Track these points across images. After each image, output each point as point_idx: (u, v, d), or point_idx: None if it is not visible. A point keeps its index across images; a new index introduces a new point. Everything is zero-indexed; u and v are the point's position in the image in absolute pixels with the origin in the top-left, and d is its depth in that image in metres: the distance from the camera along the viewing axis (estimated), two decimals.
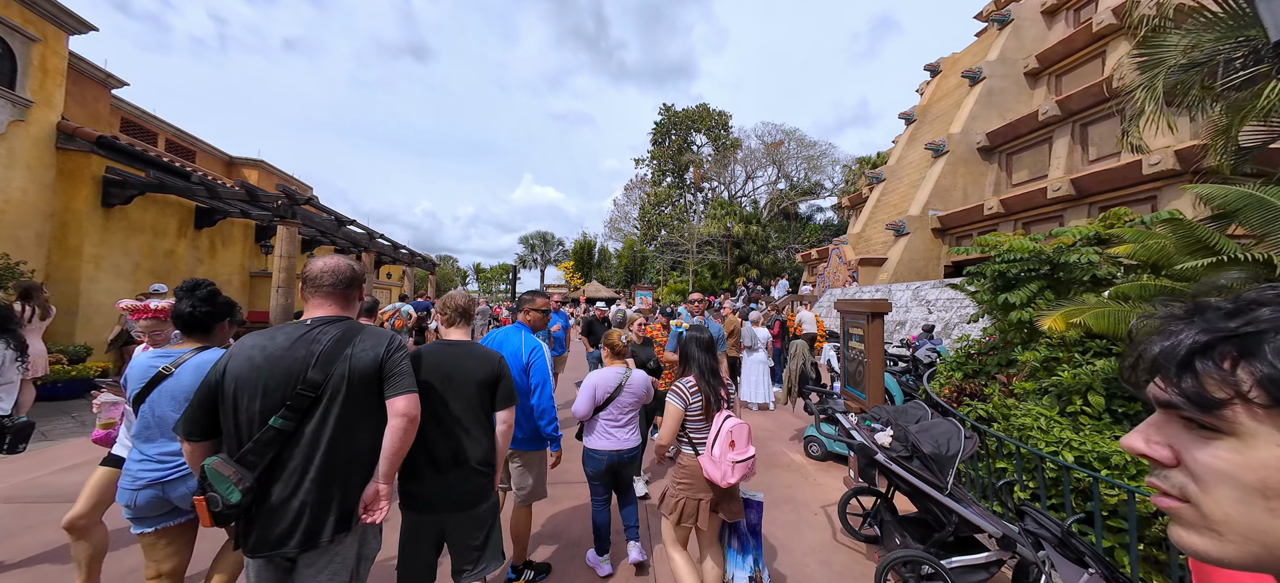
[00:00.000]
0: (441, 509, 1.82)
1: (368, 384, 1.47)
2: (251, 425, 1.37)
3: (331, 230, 12.10)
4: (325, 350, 1.44)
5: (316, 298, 1.56)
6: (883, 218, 19.12)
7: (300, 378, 1.39)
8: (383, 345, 1.53)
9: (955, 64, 20.57)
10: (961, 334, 8.50)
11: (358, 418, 1.46)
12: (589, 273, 42.17)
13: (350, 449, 1.45)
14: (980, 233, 14.82)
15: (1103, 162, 12.57)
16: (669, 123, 38.55)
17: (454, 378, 1.86)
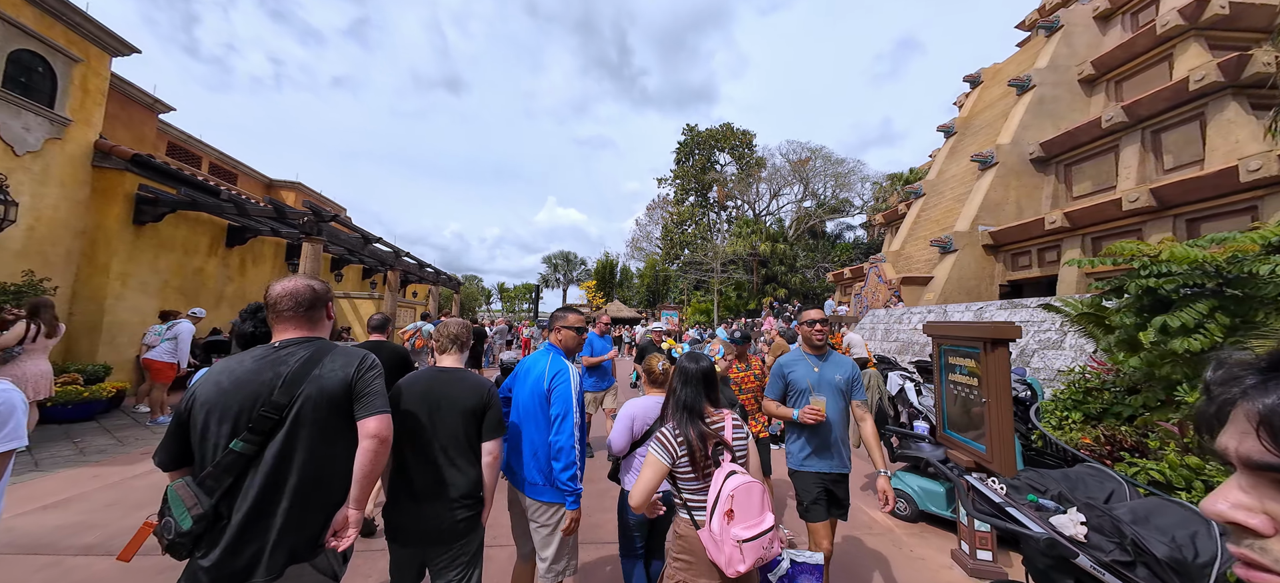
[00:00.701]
0: (423, 543, 1.77)
1: (337, 405, 1.43)
2: (216, 451, 1.33)
3: (357, 248, 12.00)
4: (292, 372, 1.39)
5: (279, 323, 1.50)
6: (924, 234, 18.00)
7: (264, 400, 1.35)
8: (353, 366, 1.47)
9: (997, 74, 19.57)
10: (1043, 363, 7.46)
11: (325, 441, 1.40)
12: (611, 292, 41.81)
13: (316, 473, 1.38)
14: (1040, 249, 13.60)
15: (1180, 169, 11.33)
16: (692, 142, 38.40)
17: (441, 405, 1.81)
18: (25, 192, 6.44)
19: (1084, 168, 14.13)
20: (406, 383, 1.87)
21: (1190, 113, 11.33)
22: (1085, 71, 15.43)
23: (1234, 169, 8.85)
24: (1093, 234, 12.04)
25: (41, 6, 6.56)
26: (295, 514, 1.34)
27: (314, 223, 8.61)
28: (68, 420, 5.78)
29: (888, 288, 15.78)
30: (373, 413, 1.45)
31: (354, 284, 17.12)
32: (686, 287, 33.38)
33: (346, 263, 15.70)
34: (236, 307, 10.89)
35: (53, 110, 6.78)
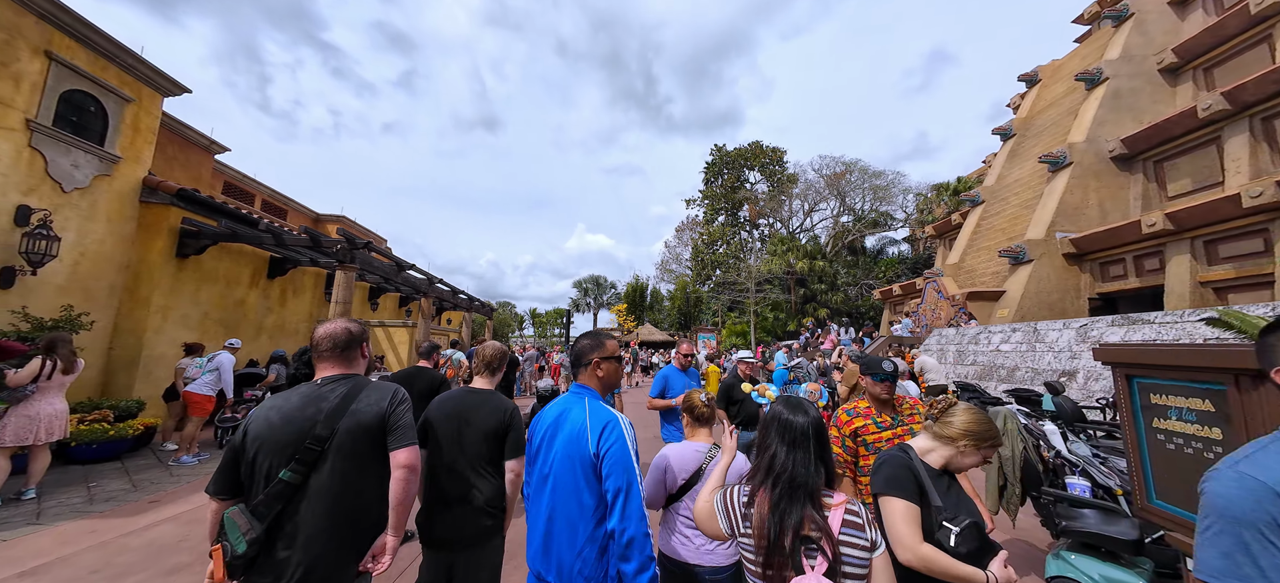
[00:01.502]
0: (453, 547, 1.91)
1: (372, 437, 1.55)
2: (264, 481, 1.45)
3: (392, 276, 11.88)
4: (332, 407, 1.53)
5: (320, 362, 1.65)
6: (987, 244, 16.42)
7: (309, 434, 1.48)
8: (386, 400, 1.60)
9: (1058, 71, 18.10)
10: None
11: (360, 470, 1.53)
12: (642, 315, 41.12)
13: (355, 500, 1.51)
14: (1137, 256, 11.93)
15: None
16: (721, 162, 37.90)
17: (471, 422, 1.99)
18: (71, 228, 6.49)
19: (1179, 164, 12.45)
20: (438, 402, 2.06)
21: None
22: (1166, 60, 13.88)
23: None
24: (1204, 237, 10.38)
25: (95, 49, 6.76)
26: (338, 538, 1.46)
27: (347, 250, 8.43)
28: (92, 460, 5.53)
29: (951, 305, 14.29)
30: (403, 445, 1.57)
31: (390, 312, 17.22)
32: (720, 308, 32.23)
33: (383, 292, 15.80)
34: (277, 338, 10.89)
35: (103, 148, 6.90)
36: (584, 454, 1.46)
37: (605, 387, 1.70)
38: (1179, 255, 10.78)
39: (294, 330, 11.57)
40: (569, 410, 1.59)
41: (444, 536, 1.91)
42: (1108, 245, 12.34)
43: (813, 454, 1.32)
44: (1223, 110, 10.99)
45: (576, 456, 1.47)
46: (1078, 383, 7.58)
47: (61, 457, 5.41)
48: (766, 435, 1.39)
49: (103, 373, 7.03)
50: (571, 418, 1.56)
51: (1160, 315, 6.70)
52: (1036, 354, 8.57)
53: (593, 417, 1.52)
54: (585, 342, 1.72)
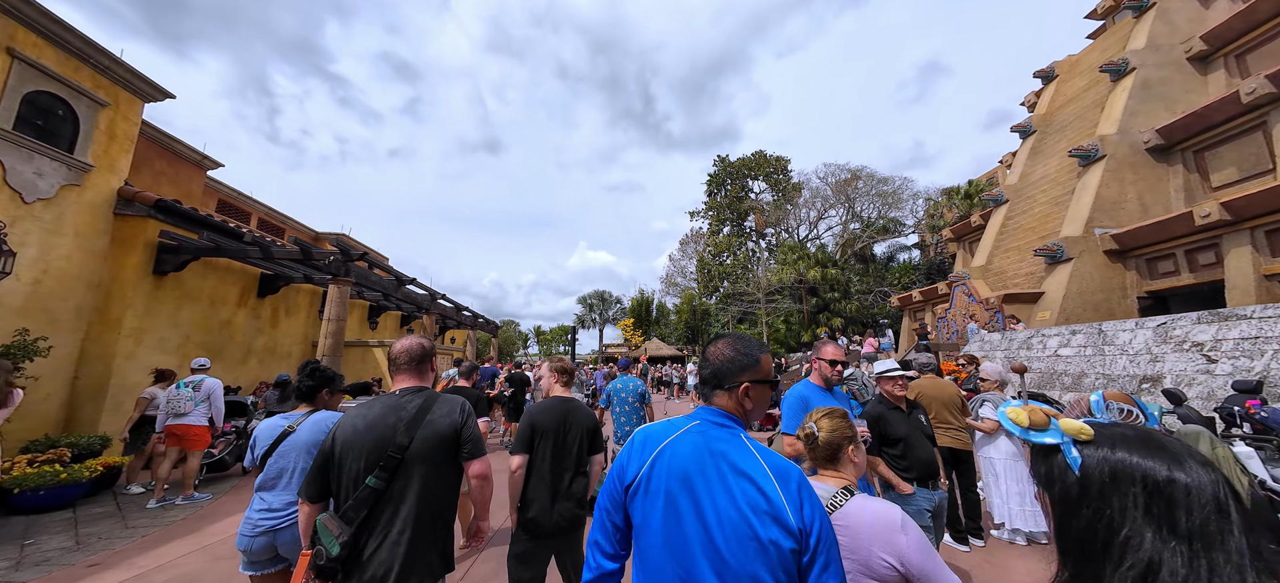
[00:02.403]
0: (555, 536, 2.17)
1: (446, 447, 1.67)
2: (352, 485, 1.57)
3: (392, 291, 11.16)
4: (410, 418, 1.64)
5: (398, 374, 1.81)
6: (1015, 244, 15.67)
7: (391, 442, 1.59)
8: (457, 413, 1.72)
9: (1075, 66, 17.61)
10: None
11: (438, 476, 1.65)
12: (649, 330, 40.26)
13: (432, 503, 1.61)
14: (1189, 251, 11.13)
15: None
16: (724, 173, 37.52)
17: (570, 426, 2.30)
18: (32, 242, 5.80)
19: (1222, 152, 11.76)
20: (541, 409, 2.35)
21: None
22: (1195, 48, 13.33)
23: None
24: (1266, 226, 9.60)
25: (66, 48, 6.17)
26: (417, 538, 1.56)
27: (341, 263, 7.72)
28: (39, 509, 4.70)
29: (986, 309, 13.46)
30: (477, 456, 1.73)
31: (392, 332, 16.45)
32: (729, 321, 31.37)
33: (384, 310, 15.07)
34: (267, 362, 10.11)
35: (72, 155, 6.26)
36: (772, 526, 0.96)
37: (748, 421, 1.19)
38: (1238, 247, 9.99)
39: (286, 353, 10.79)
40: (718, 445, 1.09)
41: (552, 528, 2.15)
42: (1155, 240, 11.56)
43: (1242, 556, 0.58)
44: (1269, 94, 10.34)
45: (755, 526, 0.96)
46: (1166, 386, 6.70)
47: (2, 506, 4.59)
48: (1109, 509, 0.65)
49: (66, 406, 6.24)
50: (732, 459, 1.05)
51: (1259, 309, 5.88)
52: (1106, 358, 7.71)
53: (773, 466, 1.03)
54: (729, 352, 1.20)
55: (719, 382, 1.18)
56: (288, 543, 2.01)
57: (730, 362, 1.17)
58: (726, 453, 1.06)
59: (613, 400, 4.63)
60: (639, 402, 4.64)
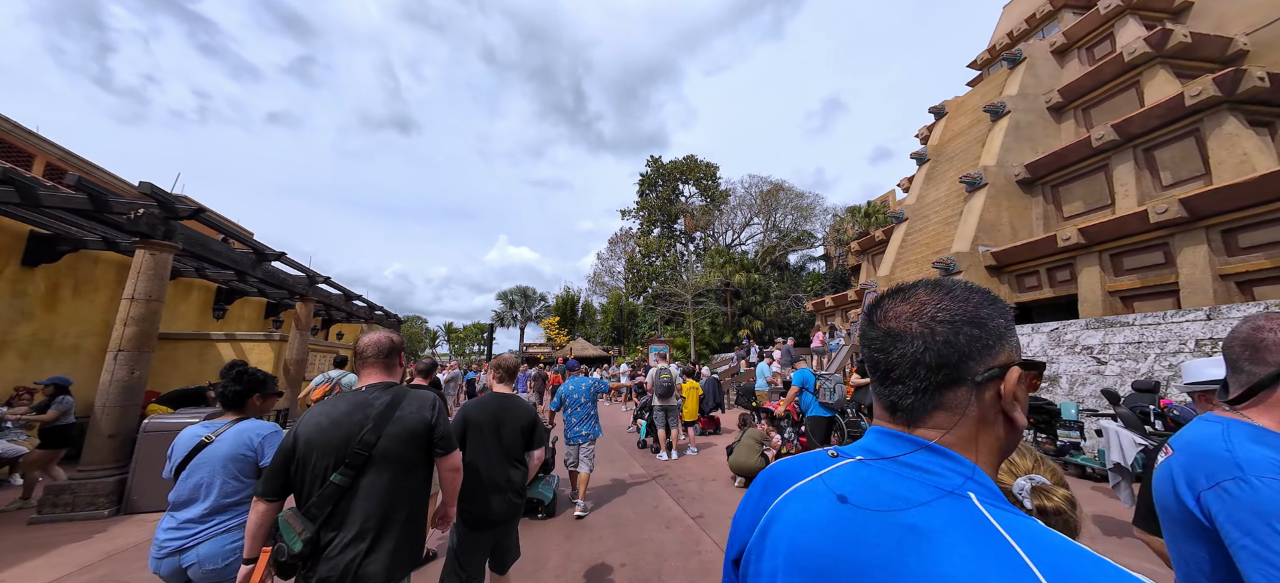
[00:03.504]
0: (491, 527, 2.28)
1: (417, 443, 1.67)
2: (317, 482, 1.53)
3: (249, 268, 8.64)
4: (378, 414, 1.62)
5: (365, 368, 1.77)
6: (913, 258, 17.39)
7: (357, 439, 1.56)
8: (428, 409, 1.71)
9: (961, 106, 20.20)
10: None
11: (405, 472, 1.63)
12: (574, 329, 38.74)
13: (400, 500, 1.59)
14: (1051, 268, 13.01)
15: (1183, 185, 11.21)
16: (656, 174, 37.57)
17: (506, 422, 2.42)
18: None
19: (1073, 188, 14.04)
20: (475, 405, 2.43)
21: (1185, 129, 11.33)
22: (1053, 99, 15.87)
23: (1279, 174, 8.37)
24: (1111, 250, 11.50)
25: None
26: (384, 536, 1.54)
27: (157, 219, 5.51)
28: None
29: None
30: (449, 451, 1.76)
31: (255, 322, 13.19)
32: (657, 321, 31.27)
33: (240, 295, 11.95)
34: (31, 357, 7.13)
35: None
36: None
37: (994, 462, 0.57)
38: (1089, 267, 11.85)
39: (72, 347, 7.79)
40: (903, 522, 0.49)
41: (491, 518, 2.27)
42: (1024, 258, 13.37)
43: None
44: (1112, 140, 12.49)
45: None
46: (1062, 388, 7.37)
47: None
48: None
49: None
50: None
51: (1140, 318, 6.66)
52: None
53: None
54: (953, 311, 0.58)
55: (938, 376, 0.56)
56: (194, 565, 1.85)
57: (963, 329, 0.56)
58: (920, 553, 0.45)
59: (566, 403, 4.63)
60: (591, 401, 4.65)
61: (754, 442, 5.28)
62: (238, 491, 1.96)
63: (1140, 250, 10.88)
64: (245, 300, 12.83)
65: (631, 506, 4.86)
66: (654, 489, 5.40)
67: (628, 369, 14.98)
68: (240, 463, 1.97)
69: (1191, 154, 11.20)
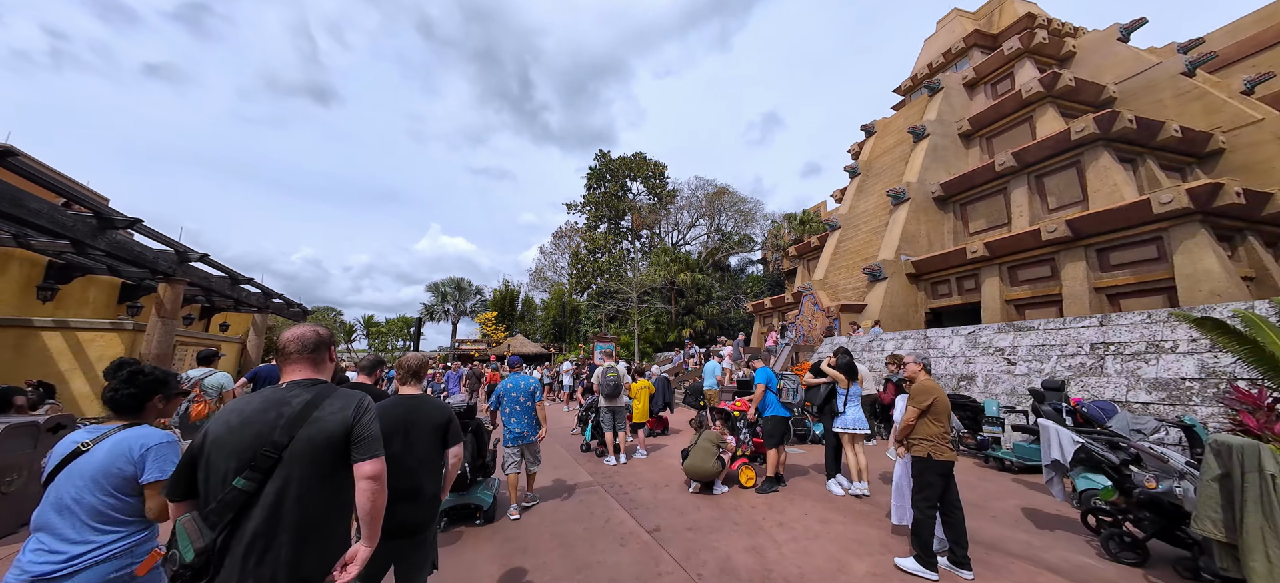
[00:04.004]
0: (395, 538, 2.04)
1: (335, 447, 1.47)
2: (220, 486, 1.38)
3: (90, 238, 6.79)
4: (294, 413, 1.45)
5: (288, 365, 1.60)
6: (844, 264, 18.49)
7: (267, 440, 1.40)
8: (351, 408, 1.53)
9: (888, 126, 21.90)
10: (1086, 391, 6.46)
11: (321, 480, 1.44)
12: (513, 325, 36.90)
13: (313, 511, 1.42)
14: (959, 278, 14.36)
15: (1065, 209, 12.88)
16: (604, 169, 36.91)
17: (414, 425, 2.26)
18: None
19: (978, 207, 15.67)
20: (380, 409, 1.96)
21: (1068, 161, 13.02)
22: (964, 127, 17.66)
23: (1146, 202, 9.79)
24: (1009, 263, 12.91)
25: None
26: (292, 550, 1.36)
27: None
28: None
29: (826, 315, 15.34)
30: (368, 456, 1.49)
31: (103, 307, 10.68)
32: (601, 319, 30.66)
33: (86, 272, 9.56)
34: None
35: None
36: None
37: None
38: (991, 278, 13.21)
39: None
40: None
41: (391, 530, 1.95)
42: (938, 268, 14.66)
43: None
44: (1010, 166, 14.06)
45: None
46: (978, 386, 7.94)
47: None
48: None
49: None
50: None
51: (1043, 323, 7.34)
52: (930, 359, 8.95)
53: None
54: None
55: None
56: None
57: None
58: None
59: (502, 401, 4.52)
60: (530, 400, 4.51)
61: (711, 444, 4.97)
62: (116, 510, 1.66)
63: (1032, 264, 12.31)
64: (90, 280, 10.31)
65: (579, 519, 4.33)
66: (603, 499, 4.89)
67: (570, 367, 14.24)
68: (114, 479, 1.66)
69: (1073, 183, 12.90)
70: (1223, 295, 8.59)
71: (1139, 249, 10.20)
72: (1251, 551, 2.02)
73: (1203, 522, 2.29)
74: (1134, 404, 5.86)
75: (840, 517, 4.26)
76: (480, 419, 4.69)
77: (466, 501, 4.25)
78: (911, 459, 3.37)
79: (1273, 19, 14.81)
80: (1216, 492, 2.25)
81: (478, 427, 4.55)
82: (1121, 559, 3.28)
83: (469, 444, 4.30)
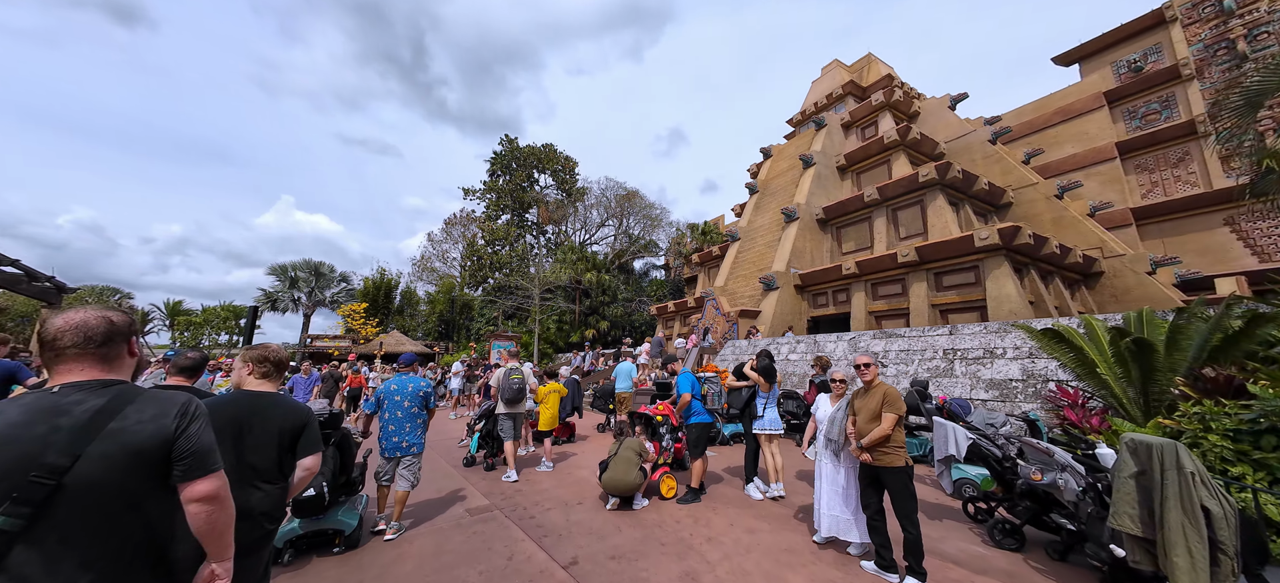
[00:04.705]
0: None
1: (145, 466, 1.14)
2: None
3: None
4: (78, 425, 1.10)
5: (61, 364, 1.20)
6: (743, 273, 19.79)
7: (36, 462, 1.06)
8: (173, 415, 1.20)
9: (782, 151, 24.25)
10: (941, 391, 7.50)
11: (125, 509, 1.11)
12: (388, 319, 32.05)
13: (123, 553, 1.10)
14: (834, 291, 16.26)
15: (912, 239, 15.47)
16: (510, 155, 34.42)
17: (253, 428, 1.88)
18: None
19: (849, 230, 18.06)
20: (210, 406, 1.77)
21: (914, 199, 15.66)
22: (841, 161, 20.33)
23: (968, 237, 12.07)
24: (872, 280, 14.99)
25: None
26: None
27: None
28: None
29: (727, 320, 16.12)
30: (200, 474, 1.19)
31: None
32: (498, 315, 28.29)
33: None
34: None
35: None
36: None
37: None
38: (858, 292, 15.20)
39: None
40: None
41: None
42: (820, 281, 16.46)
43: None
44: (874, 199, 16.44)
45: None
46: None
47: None
48: None
49: None
50: None
51: (907, 331, 8.41)
52: None
53: None
54: None
55: None
56: None
57: None
58: None
59: (382, 404, 4.01)
60: (420, 406, 4.02)
61: (633, 454, 4.44)
62: None
63: (889, 282, 14.47)
64: None
65: (474, 558, 3.41)
66: (504, 527, 4.00)
67: (461, 368, 12.51)
68: None
69: (918, 217, 15.54)
70: (1017, 314, 10.96)
71: (963, 274, 12.61)
72: (1174, 546, 2.19)
73: (1120, 518, 2.48)
74: (975, 401, 6.92)
75: (766, 526, 4.07)
76: (348, 429, 3.86)
77: (324, 526, 3.45)
78: (885, 471, 3.19)
79: (1043, 109, 19.92)
80: (1133, 488, 2.47)
81: (343, 438, 3.67)
82: (1004, 546, 3.58)
83: (331, 459, 3.50)
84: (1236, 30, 15.71)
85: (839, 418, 3.60)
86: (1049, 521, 3.44)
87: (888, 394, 3.27)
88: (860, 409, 3.38)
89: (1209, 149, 15.37)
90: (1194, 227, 15.56)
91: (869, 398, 3.37)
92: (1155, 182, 17.00)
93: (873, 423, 3.25)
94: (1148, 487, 2.40)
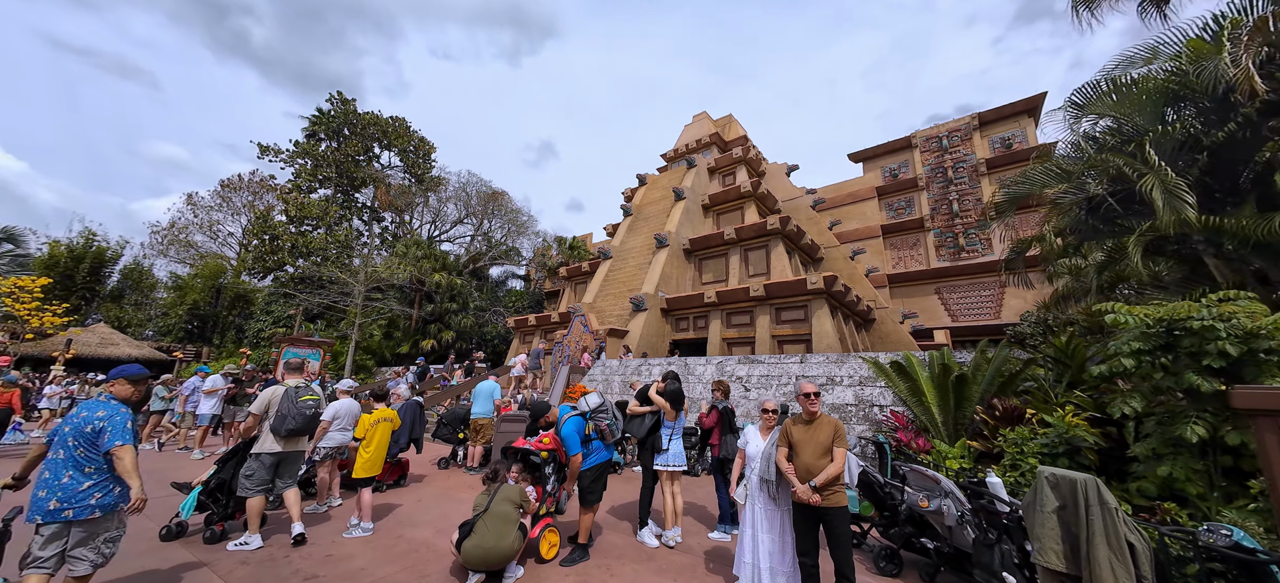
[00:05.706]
0: None
1: None
2: None
3: None
4: None
5: None
6: (613, 291, 19.69)
7: None
8: None
9: (656, 181, 25.55)
10: None
11: None
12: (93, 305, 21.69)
13: None
14: (695, 316, 17.37)
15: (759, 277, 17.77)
16: (342, 118, 27.90)
17: None
18: None
19: (709, 263, 19.80)
20: None
21: (761, 243, 18.08)
22: (706, 201, 22.43)
23: (803, 280, 14.30)
24: (728, 309, 16.51)
25: None
26: None
27: None
28: None
29: (596, 339, 15.57)
30: None
31: None
32: (297, 313, 21.82)
33: None
34: None
35: None
36: None
37: None
38: (716, 320, 16.55)
39: None
40: None
41: None
42: (684, 307, 17.42)
43: None
44: (730, 239, 18.43)
45: None
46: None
47: None
48: None
49: None
50: None
51: (768, 358, 9.20)
52: (688, 385, 9.92)
53: None
54: None
55: None
56: None
57: None
58: None
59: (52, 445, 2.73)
60: (87, 444, 2.61)
61: (511, 507, 3.28)
62: None
63: (740, 313, 16.15)
64: None
65: None
66: None
67: (221, 384, 8.72)
68: None
69: (764, 259, 17.94)
70: (834, 347, 13.31)
71: (796, 311, 14.88)
72: (1102, 582, 2.33)
73: (1047, 554, 2.62)
74: None
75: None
76: None
77: None
78: (833, 512, 2.87)
79: (840, 191, 25.69)
80: (1056, 524, 2.65)
81: None
82: (886, 571, 3.72)
83: None
84: (948, 161, 23.22)
85: (773, 454, 3.25)
86: (917, 543, 3.72)
87: (838, 428, 3.05)
88: (803, 443, 3.06)
89: (930, 238, 22.18)
90: (920, 292, 21.98)
91: (815, 430, 3.08)
92: (901, 257, 23.57)
93: (824, 459, 2.96)
94: (1069, 522, 2.65)
